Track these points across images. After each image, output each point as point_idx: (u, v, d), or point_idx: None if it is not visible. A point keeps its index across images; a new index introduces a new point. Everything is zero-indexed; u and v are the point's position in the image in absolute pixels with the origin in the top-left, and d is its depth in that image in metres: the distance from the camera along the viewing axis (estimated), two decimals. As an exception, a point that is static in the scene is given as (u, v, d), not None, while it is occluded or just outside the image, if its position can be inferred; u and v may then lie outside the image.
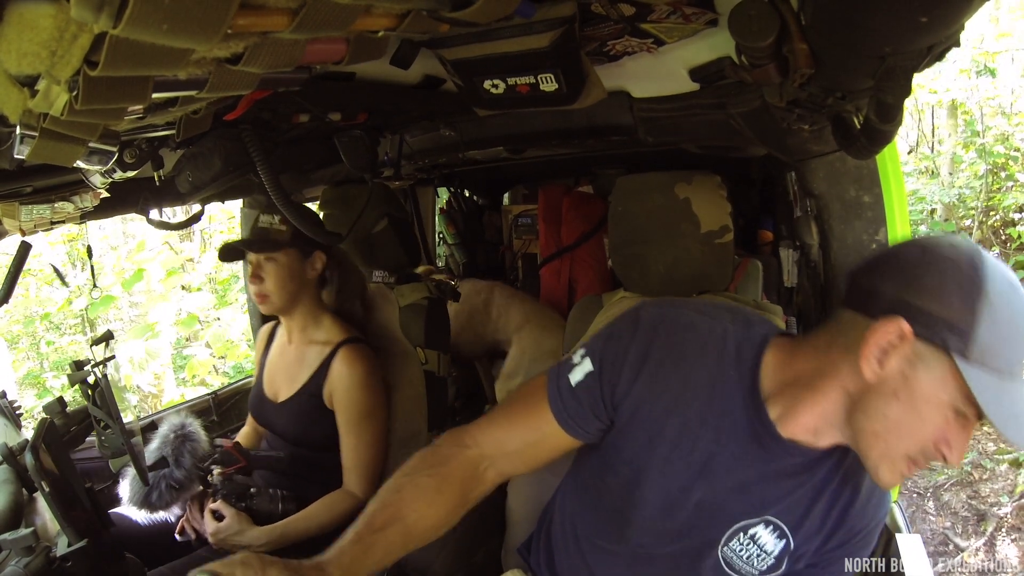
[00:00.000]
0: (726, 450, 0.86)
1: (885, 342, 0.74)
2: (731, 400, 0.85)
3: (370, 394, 1.49)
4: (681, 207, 1.26)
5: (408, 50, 0.90)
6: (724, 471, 0.86)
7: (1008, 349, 0.71)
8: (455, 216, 2.83)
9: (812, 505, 0.88)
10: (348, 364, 1.48)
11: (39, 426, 1.13)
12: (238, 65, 0.49)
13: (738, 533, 0.89)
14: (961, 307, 0.70)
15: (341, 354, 1.50)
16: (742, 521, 0.88)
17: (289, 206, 1.20)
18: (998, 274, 0.72)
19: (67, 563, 0.98)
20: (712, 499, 0.88)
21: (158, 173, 1.12)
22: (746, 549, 0.89)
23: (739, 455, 0.86)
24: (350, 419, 1.48)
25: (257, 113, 1.00)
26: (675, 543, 0.92)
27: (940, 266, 0.74)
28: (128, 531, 1.46)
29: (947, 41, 0.57)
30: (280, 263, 1.48)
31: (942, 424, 0.73)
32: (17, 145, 0.53)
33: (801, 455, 0.85)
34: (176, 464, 1.45)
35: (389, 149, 1.60)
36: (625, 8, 0.81)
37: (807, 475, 0.87)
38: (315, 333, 1.56)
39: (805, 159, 1.23)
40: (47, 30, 0.38)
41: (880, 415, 0.75)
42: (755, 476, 0.86)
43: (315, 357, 1.53)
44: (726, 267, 1.29)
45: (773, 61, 0.70)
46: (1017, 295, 0.72)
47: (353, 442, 1.48)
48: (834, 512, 0.90)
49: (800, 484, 0.87)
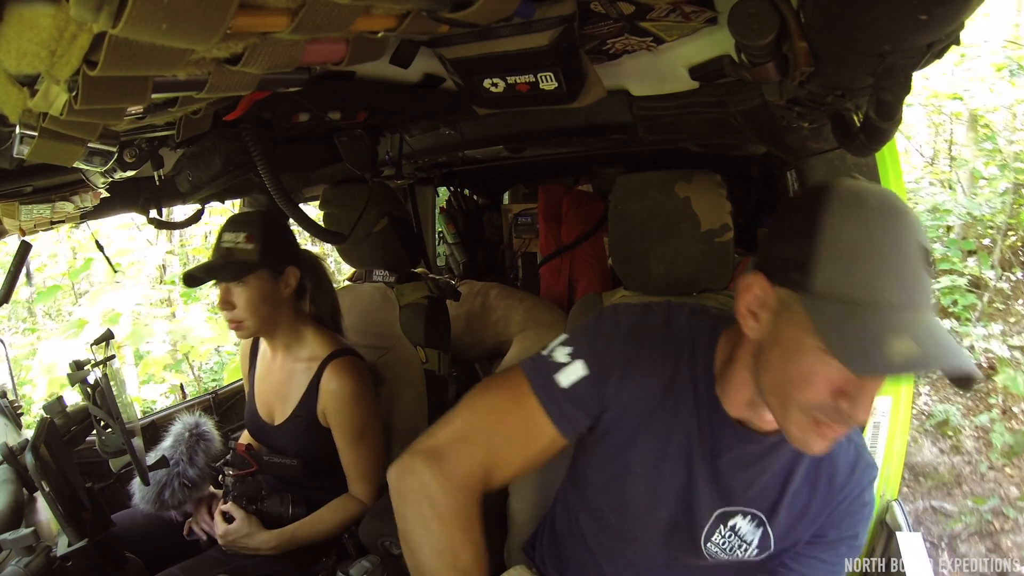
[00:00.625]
0: (696, 443, 0.89)
1: (751, 298, 0.76)
2: (696, 393, 0.88)
3: (363, 408, 1.45)
4: (681, 206, 1.26)
5: (408, 49, 0.90)
6: (698, 464, 0.89)
7: (851, 276, 0.68)
8: (455, 215, 2.83)
9: (784, 489, 0.90)
10: (337, 380, 1.43)
11: (39, 426, 1.13)
12: (237, 65, 0.49)
13: (718, 526, 0.91)
14: (801, 243, 0.71)
15: (329, 371, 1.44)
16: (719, 510, 0.90)
17: (290, 205, 1.20)
18: (843, 201, 0.70)
19: (67, 563, 0.98)
20: (689, 491, 0.90)
21: (158, 173, 1.12)
22: (728, 541, 0.92)
23: (707, 447, 0.88)
24: (347, 435, 1.45)
25: (257, 113, 1.00)
26: (665, 540, 0.93)
27: (794, 209, 0.75)
28: (131, 530, 1.46)
29: (947, 39, 0.57)
30: (251, 286, 1.38)
31: (820, 368, 0.70)
32: (17, 145, 0.54)
33: (757, 441, 0.87)
34: (190, 463, 1.45)
35: (389, 148, 1.60)
36: (624, 6, 0.81)
37: (769, 460, 0.89)
38: (299, 350, 1.49)
39: (805, 157, 1.22)
40: (47, 30, 0.38)
41: (768, 368, 0.76)
42: (724, 467, 0.89)
43: (303, 376, 1.47)
44: (726, 266, 1.29)
45: (773, 59, 0.70)
46: (862, 218, 0.69)
47: (353, 457, 1.46)
48: (818, 492, 0.91)
49: (764, 470, 0.90)
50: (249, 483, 1.45)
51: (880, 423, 1.25)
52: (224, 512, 1.42)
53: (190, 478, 1.44)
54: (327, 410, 1.44)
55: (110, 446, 1.24)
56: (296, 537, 1.40)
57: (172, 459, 1.44)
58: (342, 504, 1.45)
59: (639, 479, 0.91)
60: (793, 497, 0.90)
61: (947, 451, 3.78)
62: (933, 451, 3.79)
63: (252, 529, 1.39)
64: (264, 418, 1.55)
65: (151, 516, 1.48)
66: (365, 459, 1.46)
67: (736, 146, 1.69)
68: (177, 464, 1.44)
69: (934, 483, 3.53)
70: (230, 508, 1.42)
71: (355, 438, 1.45)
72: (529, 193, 2.87)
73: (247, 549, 1.39)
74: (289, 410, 1.49)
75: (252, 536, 1.39)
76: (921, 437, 3.88)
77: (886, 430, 1.26)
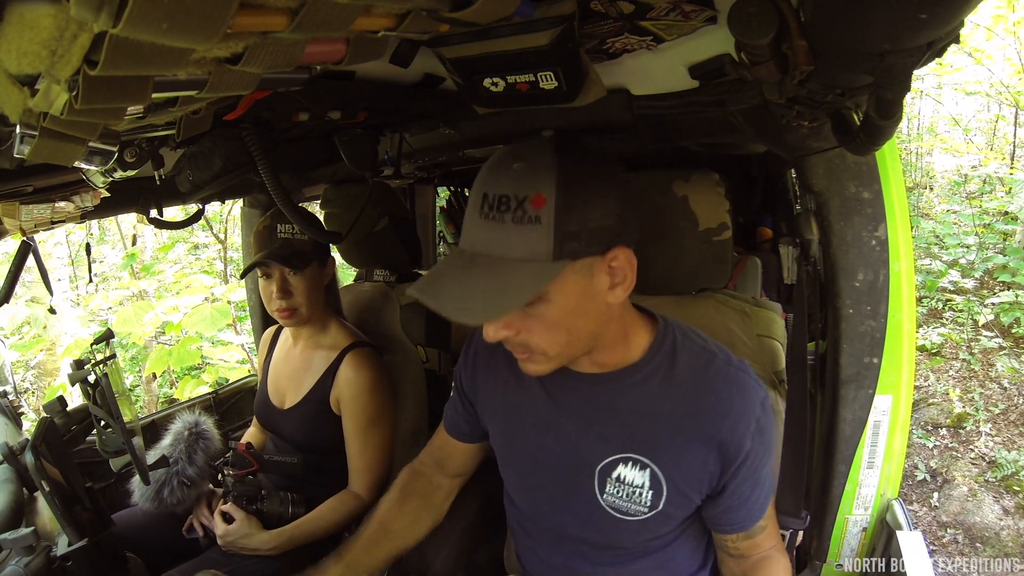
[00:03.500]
0: (547, 405, 1.00)
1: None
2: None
3: (377, 399, 1.48)
4: (679, 205, 1.26)
5: (408, 49, 0.90)
6: (555, 426, 0.99)
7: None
8: (455, 215, 2.83)
9: (654, 426, 0.92)
10: (355, 369, 1.47)
11: (39, 425, 1.13)
12: (238, 65, 0.49)
13: (605, 479, 0.95)
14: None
15: (348, 359, 1.48)
16: (599, 463, 0.95)
17: (290, 205, 1.20)
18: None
19: (67, 563, 0.98)
20: (563, 452, 0.98)
21: (158, 173, 1.12)
22: (622, 490, 0.94)
23: (559, 404, 0.99)
24: (358, 424, 1.47)
25: (257, 113, 1.00)
26: (563, 507, 1.00)
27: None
28: (130, 529, 1.46)
29: (947, 37, 0.57)
30: (307, 276, 1.46)
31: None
32: (17, 144, 0.53)
33: (595, 381, 0.95)
34: (189, 462, 1.46)
35: (389, 148, 1.59)
36: (624, 6, 0.81)
37: (626, 398, 0.93)
38: (322, 339, 1.55)
39: (804, 156, 1.23)
40: (47, 29, 0.38)
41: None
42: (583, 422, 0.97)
43: (321, 362, 1.52)
44: (724, 264, 1.29)
45: (772, 58, 0.70)
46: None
47: (360, 447, 1.47)
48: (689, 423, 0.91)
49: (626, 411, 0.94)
50: (249, 483, 1.45)
51: (880, 421, 1.25)
52: (224, 512, 1.42)
53: (189, 477, 1.45)
54: (342, 397, 1.47)
55: (110, 446, 1.24)
56: (295, 537, 1.41)
57: (172, 458, 1.44)
58: (340, 501, 1.46)
59: (513, 451, 1.06)
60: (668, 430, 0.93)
61: (1012, 511, 3.06)
62: (995, 510, 3.06)
63: (251, 530, 1.39)
64: (274, 402, 1.58)
65: (151, 515, 1.49)
66: (372, 450, 1.48)
67: (736, 145, 1.69)
68: (176, 463, 1.45)
69: (994, 551, 2.87)
70: (230, 509, 1.42)
71: (365, 427, 1.47)
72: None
73: (246, 549, 1.39)
74: (301, 394, 1.52)
75: (251, 537, 1.39)
76: (982, 491, 3.17)
77: (886, 429, 1.26)
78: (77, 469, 1.16)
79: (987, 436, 3.50)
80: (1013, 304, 4.09)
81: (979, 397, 3.86)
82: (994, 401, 3.84)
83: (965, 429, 3.65)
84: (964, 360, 4.16)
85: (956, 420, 3.71)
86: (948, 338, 4.37)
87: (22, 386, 4.49)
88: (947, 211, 5.75)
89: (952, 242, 5.02)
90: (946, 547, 2.91)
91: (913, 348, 1.25)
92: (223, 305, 3.77)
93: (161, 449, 1.47)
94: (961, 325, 4.46)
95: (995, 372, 3.99)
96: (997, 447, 3.41)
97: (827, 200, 1.16)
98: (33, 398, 4.53)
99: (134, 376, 5.25)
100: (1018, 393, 3.81)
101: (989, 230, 4.98)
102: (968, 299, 4.57)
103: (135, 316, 3.74)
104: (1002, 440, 3.47)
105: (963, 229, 5.16)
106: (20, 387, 1.95)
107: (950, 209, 5.70)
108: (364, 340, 1.55)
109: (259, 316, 2.11)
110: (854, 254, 1.17)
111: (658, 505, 0.93)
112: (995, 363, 4.04)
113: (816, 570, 1.34)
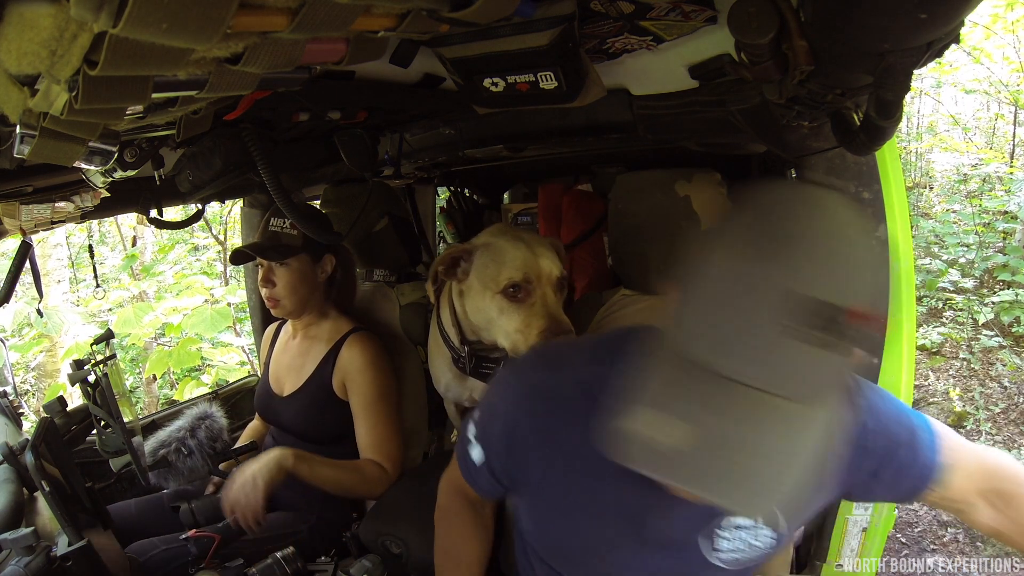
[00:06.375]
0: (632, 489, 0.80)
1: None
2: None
3: (382, 375, 1.51)
4: (681, 205, 1.26)
5: (408, 49, 0.90)
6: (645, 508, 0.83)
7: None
8: (455, 215, 2.82)
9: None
10: (359, 349, 1.50)
11: (39, 425, 1.13)
12: (238, 65, 0.49)
13: (715, 533, 0.85)
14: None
15: (350, 341, 1.52)
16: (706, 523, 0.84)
17: (290, 205, 1.21)
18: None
19: (67, 563, 0.98)
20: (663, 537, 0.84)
21: (158, 173, 1.12)
22: (742, 535, 0.85)
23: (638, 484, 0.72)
24: (366, 400, 1.49)
25: (257, 113, 1.00)
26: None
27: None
28: (123, 521, 1.45)
29: (947, 37, 0.57)
30: (292, 268, 1.49)
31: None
32: (17, 144, 0.53)
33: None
34: (191, 434, 1.51)
35: (389, 148, 1.60)
36: (624, 6, 0.81)
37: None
38: (321, 328, 1.58)
39: (805, 156, 1.23)
40: (47, 29, 0.38)
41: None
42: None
43: (322, 348, 1.55)
44: (726, 265, 1.29)
45: (772, 58, 0.70)
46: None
47: (371, 421, 1.48)
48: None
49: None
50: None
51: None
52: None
53: (187, 446, 1.48)
54: (347, 375, 1.50)
55: (110, 446, 1.24)
56: (314, 460, 1.35)
57: (176, 433, 1.50)
58: (364, 462, 1.46)
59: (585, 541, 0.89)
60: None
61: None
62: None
63: (250, 463, 1.31)
64: (274, 390, 1.61)
65: (143, 506, 1.52)
66: (383, 424, 1.49)
67: (736, 145, 1.68)
68: (179, 431, 1.51)
69: (994, 551, 2.70)
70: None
71: (374, 401, 1.48)
72: (529, 193, 2.87)
73: (258, 479, 1.27)
74: (301, 381, 1.55)
75: (255, 463, 1.30)
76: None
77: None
78: (77, 469, 1.16)
79: (987, 435, 3.45)
80: (1013, 303, 4.04)
81: (979, 396, 3.86)
82: (994, 400, 3.82)
83: (965, 428, 3.65)
84: (964, 359, 4.17)
85: (956, 419, 3.72)
86: (948, 337, 4.37)
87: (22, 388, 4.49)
88: (947, 210, 5.76)
89: (952, 241, 5.03)
90: (946, 547, 2.87)
91: (913, 347, 1.25)
92: (223, 307, 3.77)
93: (168, 431, 1.52)
94: (961, 324, 4.46)
95: (995, 371, 4.00)
96: (997, 446, 3.32)
97: (827, 200, 1.16)
98: (34, 400, 4.52)
99: (134, 378, 5.24)
100: (1018, 392, 3.82)
101: (989, 229, 4.97)
102: (968, 298, 4.57)
103: (135, 317, 3.74)
104: (1002, 439, 3.43)
105: (963, 228, 5.16)
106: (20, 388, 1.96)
107: (950, 208, 5.71)
108: (364, 327, 1.58)
109: (259, 316, 2.11)
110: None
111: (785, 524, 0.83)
112: (995, 362, 4.03)
113: (816, 570, 1.33)
